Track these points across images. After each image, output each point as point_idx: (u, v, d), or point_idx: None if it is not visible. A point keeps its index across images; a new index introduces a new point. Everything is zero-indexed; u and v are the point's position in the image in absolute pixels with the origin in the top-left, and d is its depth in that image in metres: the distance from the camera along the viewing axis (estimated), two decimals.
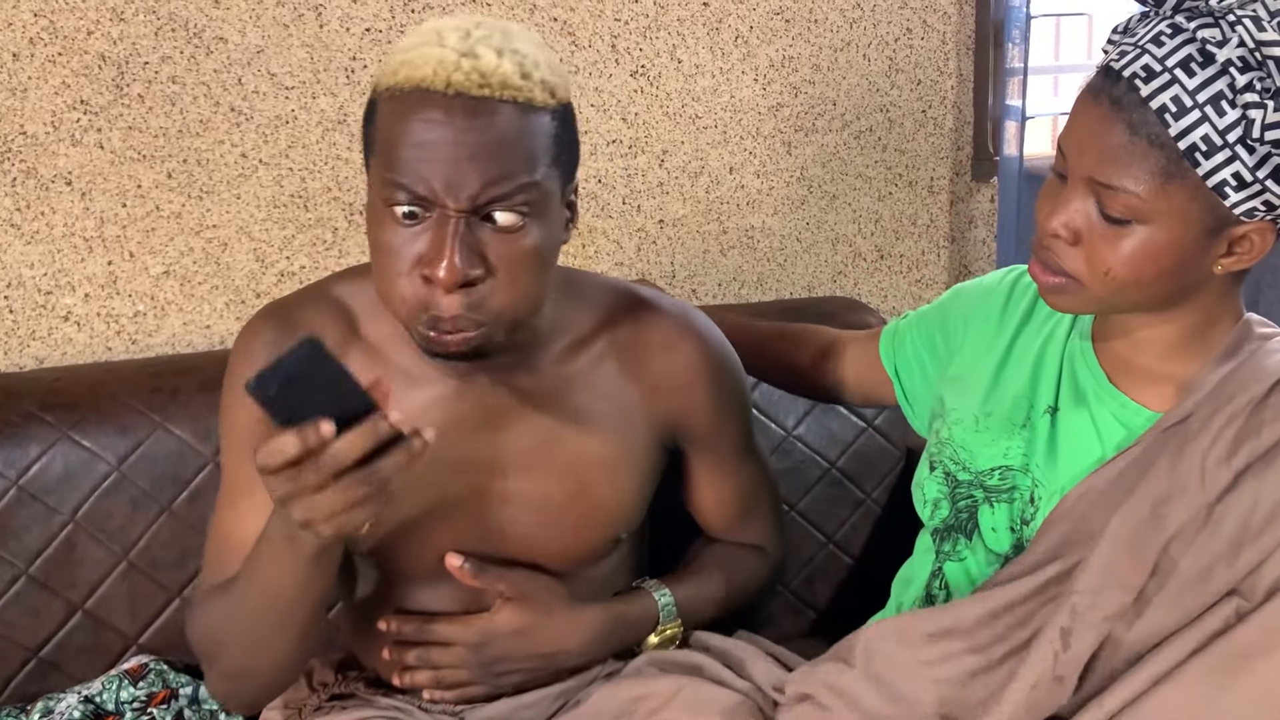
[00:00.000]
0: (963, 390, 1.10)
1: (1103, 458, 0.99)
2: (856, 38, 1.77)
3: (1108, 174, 0.89)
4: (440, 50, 0.89)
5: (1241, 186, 0.88)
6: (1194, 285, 0.94)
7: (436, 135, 0.88)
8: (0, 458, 1.40)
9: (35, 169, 1.51)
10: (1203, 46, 0.87)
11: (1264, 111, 0.85)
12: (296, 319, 1.07)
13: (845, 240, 1.85)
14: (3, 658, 1.39)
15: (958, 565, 1.09)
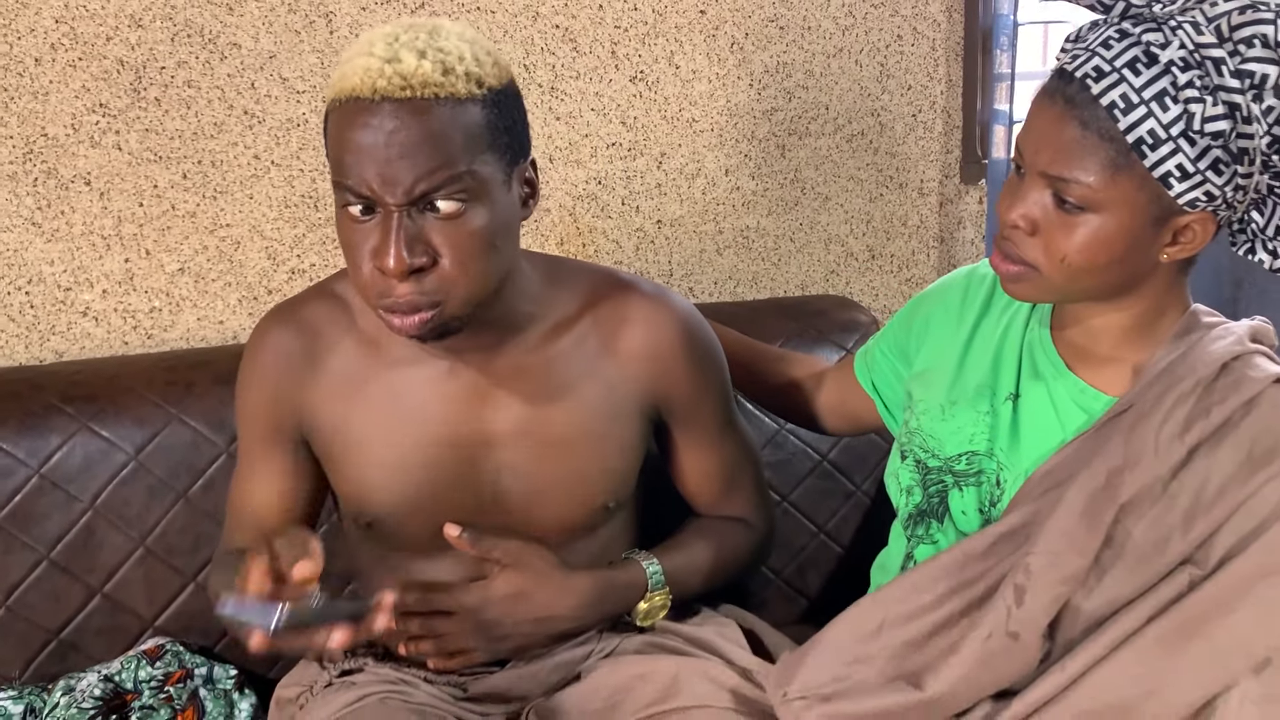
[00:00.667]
0: (928, 382, 1.16)
1: (1063, 440, 1.05)
2: (849, 44, 1.83)
3: (1062, 167, 0.95)
4: (368, 60, 0.96)
5: (1185, 177, 0.93)
6: (1143, 274, 1.00)
7: (369, 139, 0.95)
8: (23, 447, 1.46)
9: (56, 169, 1.57)
10: (1147, 49, 0.93)
11: (1203, 106, 0.91)
12: (301, 316, 1.16)
13: (837, 240, 1.90)
14: (25, 639, 1.45)
15: (930, 548, 1.15)
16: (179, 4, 1.56)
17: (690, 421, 1.22)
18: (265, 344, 1.16)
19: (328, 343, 1.15)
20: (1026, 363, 1.10)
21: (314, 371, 1.15)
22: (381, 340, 1.13)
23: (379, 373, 1.13)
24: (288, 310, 1.17)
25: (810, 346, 1.70)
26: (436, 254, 0.99)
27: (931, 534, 1.15)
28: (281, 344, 1.15)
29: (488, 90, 0.99)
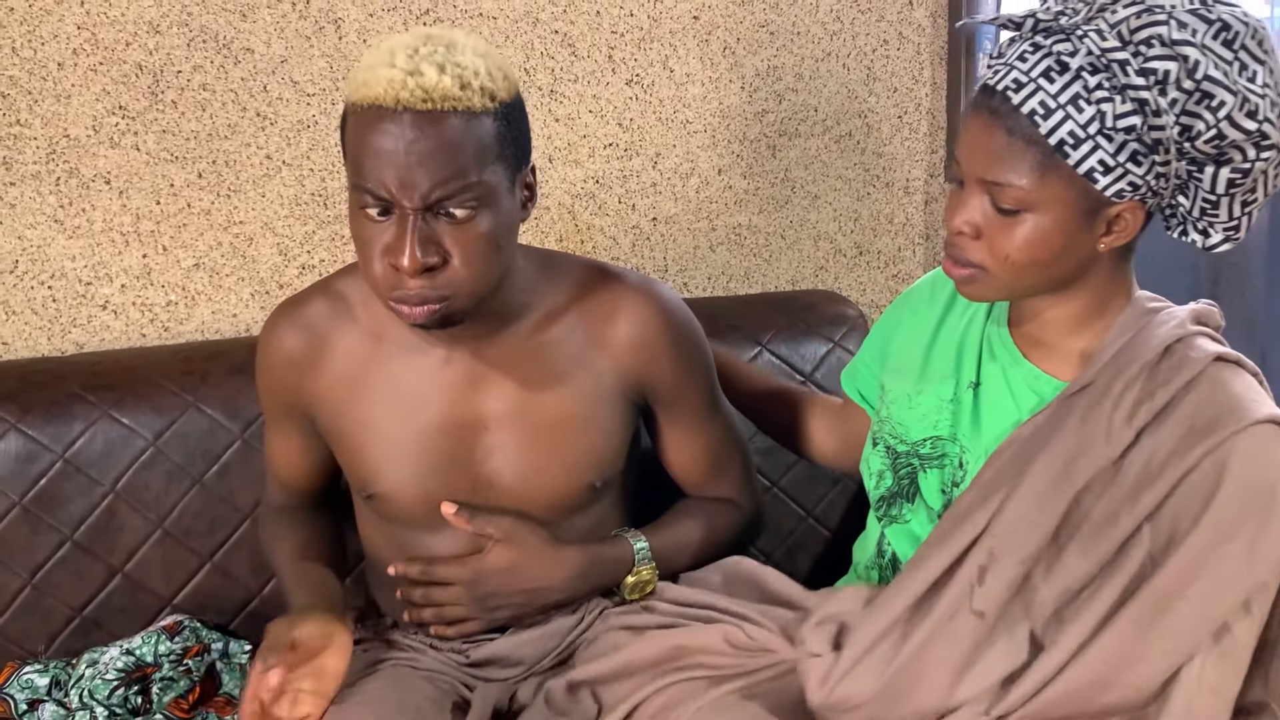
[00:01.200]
0: (897, 375, 1.24)
1: (1019, 421, 1.12)
2: (836, 49, 1.90)
3: (995, 172, 1.03)
4: (390, 71, 1.03)
5: (1107, 171, 1.01)
6: (1084, 265, 1.07)
7: (390, 146, 1.03)
8: (47, 434, 1.53)
9: (77, 169, 1.64)
10: (1059, 58, 1.00)
11: (1113, 105, 0.99)
12: (304, 315, 1.26)
13: (826, 237, 1.97)
14: (50, 616, 1.52)
15: (902, 527, 1.22)
16: (195, 11, 1.63)
17: (676, 406, 1.29)
18: (271, 342, 1.27)
19: (330, 338, 1.23)
20: (986, 354, 1.17)
21: (317, 365, 1.24)
22: (381, 332, 1.22)
23: (380, 363, 1.21)
24: (291, 310, 1.27)
25: (799, 339, 1.77)
26: (447, 254, 1.07)
27: (903, 515, 1.23)
28: (285, 343, 1.25)
29: (499, 104, 1.07)
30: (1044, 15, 1.03)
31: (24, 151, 1.62)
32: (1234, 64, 0.98)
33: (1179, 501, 1.03)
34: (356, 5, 1.68)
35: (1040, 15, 1.04)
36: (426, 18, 1.71)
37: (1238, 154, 1.00)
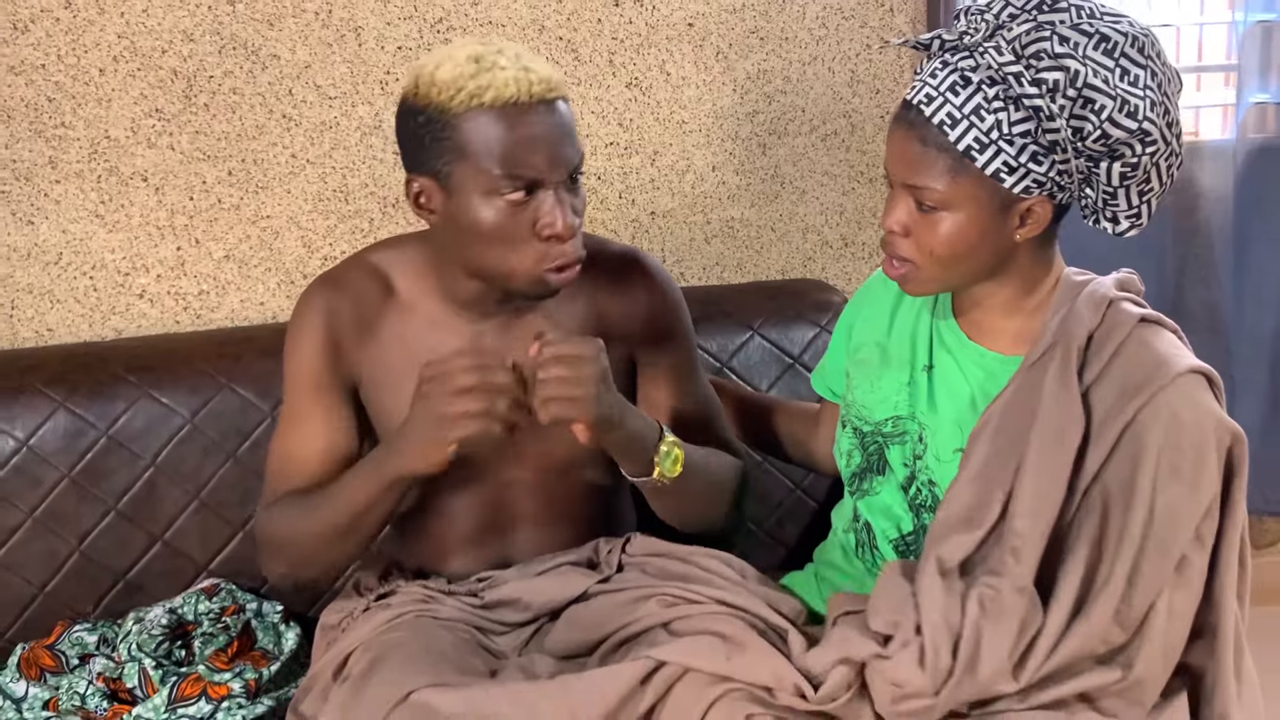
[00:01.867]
0: (859, 364, 1.37)
1: (970, 394, 1.25)
2: (823, 53, 2.03)
3: (915, 177, 1.16)
4: (506, 72, 1.18)
5: (1011, 171, 1.13)
6: (1006, 254, 1.20)
7: (538, 132, 1.18)
8: (93, 412, 1.65)
9: (117, 168, 1.77)
10: (962, 73, 1.13)
11: (1008, 113, 1.12)
12: (342, 283, 1.36)
13: (814, 230, 2.10)
14: (96, 580, 1.65)
15: (873, 499, 1.35)
16: (225, 20, 1.76)
17: (663, 360, 1.41)
18: (315, 306, 1.34)
19: (372, 308, 1.34)
20: (936, 340, 1.30)
21: (360, 331, 1.34)
22: (416, 305, 1.34)
23: (418, 333, 1.33)
24: (332, 278, 1.36)
25: (789, 325, 1.90)
26: (579, 216, 1.24)
27: (873, 488, 1.35)
28: (330, 306, 1.33)
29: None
30: (949, 35, 1.17)
31: (68, 151, 1.75)
32: (1115, 70, 1.10)
33: (1125, 452, 1.15)
34: (375, 15, 1.81)
35: (945, 35, 1.17)
36: (439, 26, 1.84)
37: (1127, 150, 1.12)
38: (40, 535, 1.62)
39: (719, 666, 1.15)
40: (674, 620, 1.24)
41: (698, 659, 1.17)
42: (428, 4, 1.82)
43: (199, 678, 1.48)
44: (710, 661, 1.16)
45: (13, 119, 1.72)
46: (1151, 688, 1.19)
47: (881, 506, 1.34)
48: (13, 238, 1.75)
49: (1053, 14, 1.14)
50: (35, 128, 1.73)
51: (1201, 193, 2.21)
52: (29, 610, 1.63)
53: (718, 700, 1.13)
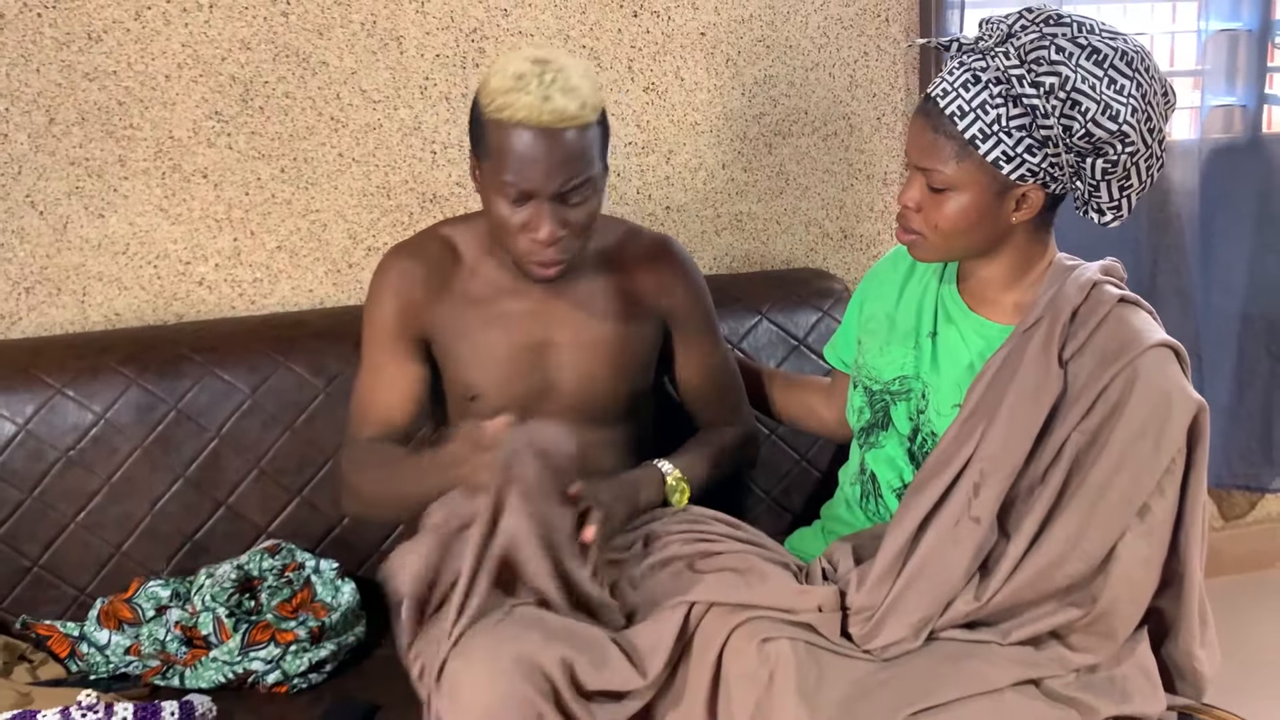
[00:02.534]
0: (870, 332, 1.54)
1: (970, 360, 1.41)
2: (824, 60, 2.20)
3: (927, 160, 1.33)
4: (529, 97, 1.37)
5: (1009, 160, 1.30)
6: (1002, 234, 1.37)
7: (535, 153, 1.38)
8: (162, 388, 1.81)
9: (179, 165, 1.93)
10: (974, 73, 1.30)
11: (1008, 109, 1.29)
12: (415, 250, 1.60)
13: (816, 223, 2.27)
14: (167, 541, 1.81)
15: (879, 451, 1.52)
16: (280, 30, 1.92)
17: (688, 329, 1.64)
18: (390, 271, 1.58)
19: (445, 272, 1.56)
20: (940, 310, 1.47)
21: (433, 291, 1.56)
22: (479, 271, 1.57)
23: (481, 295, 1.56)
24: (410, 247, 1.61)
25: (793, 310, 2.07)
26: (570, 227, 1.44)
27: (879, 441, 1.52)
28: (409, 270, 1.57)
29: (599, 114, 1.43)
30: (965, 40, 1.34)
31: (135, 151, 1.91)
32: (1102, 79, 1.27)
33: (1099, 413, 1.32)
34: (415, 25, 1.97)
35: (962, 39, 1.34)
36: (474, 35, 2.00)
37: (1109, 149, 1.29)
38: (116, 500, 1.78)
39: (741, 596, 1.32)
40: (697, 559, 1.41)
41: (721, 594, 1.34)
42: (463, 15, 1.99)
43: (268, 625, 1.64)
44: (732, 594, 1.33)
45: (86, 121, 1.87)
46: (1119, 624, 1.35)
47: (886, 458, 1.51)
48: (85, 230, 1.91)
49: (1056, 28, 1.31)
50: (106, 129, 1.88)
51: (1172, 188, 2.39)
52: (106, 568, 1.79)
53: (738, 626, 1.30)
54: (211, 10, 1.88)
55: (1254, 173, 2.46)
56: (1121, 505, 1.32)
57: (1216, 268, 2.48)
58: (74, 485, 1.77)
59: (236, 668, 1.61)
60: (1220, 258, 2.48)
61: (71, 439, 1.77)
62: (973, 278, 1.45)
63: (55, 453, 1.76)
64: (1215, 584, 2.62)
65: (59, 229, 1.90)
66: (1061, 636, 1.35)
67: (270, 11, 1.91)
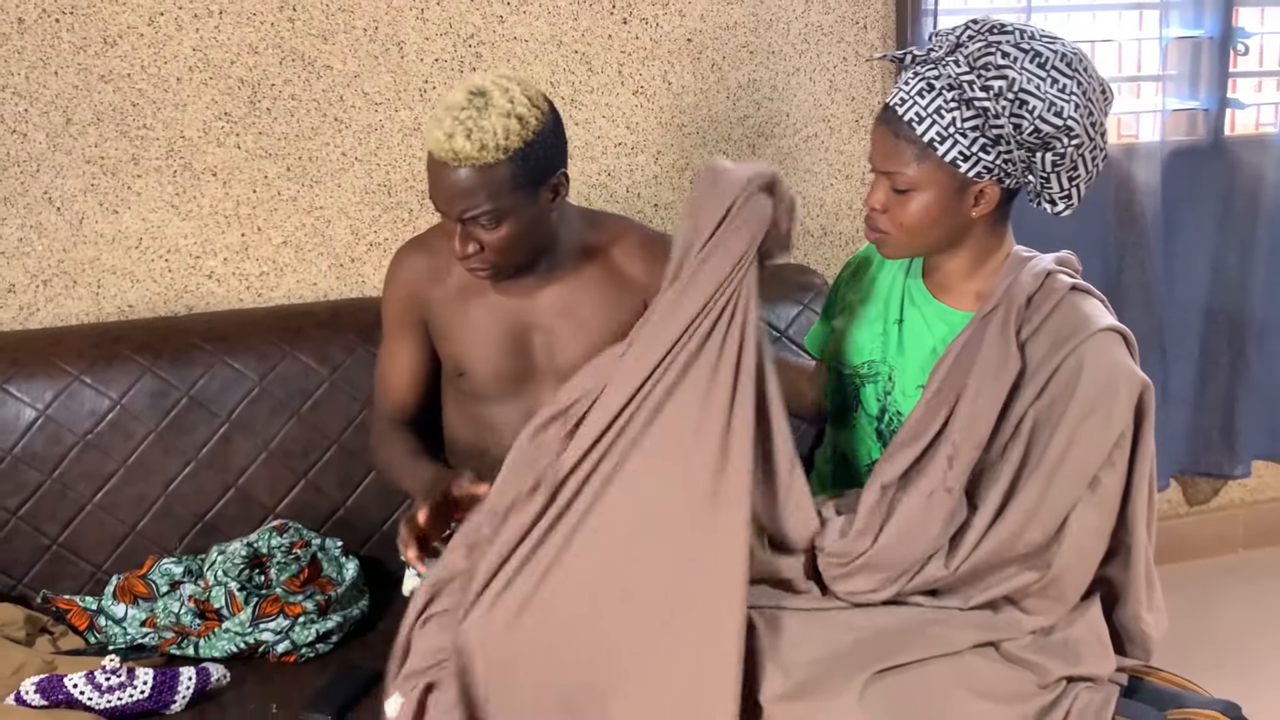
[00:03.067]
0: (843, 318, 1.64)
1: (933, 344, 1.52)
2: (804, 65, 2.30)
3: (890, 164, 1.43)
4: (438, 132, 1.51)
5: (965, 159, 1.40)
6: (963, 228, 1.47)
7: (438, 180, 1.54)
8: (175, 376, 1.91)
9: (190, 164, 2.02)
10: (929, 81, 1.41)
11: (962, 112, 1.39)
12: (422, 243, 1.75)
13: (797, 220, 2.37)
14: (179, 520, 1.90)
15: (850, 432, 1.62)
16: (286, 35, 2.02)
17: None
18: (397, 263, 1.76)
19: (448, 262, 1.67)
20: (906, 299, 1.57)
21: (437, 280, 1.71)
22: None
23: (473, 285, 1.68)
24: (418, 241, 1.76)
25: (776, 303, 2.17)
26: (482, 246, 1.56)
27: (850, 422, 1.63)
28: (414, 262, 1.74)
29: (510, 153, 1.51)
30: (919, 52, 1.45)
31: (148, 150, 2.00)
32: (1046, 79, 1.38)
33: (1052, 391, 1.42)
34: (415, 31, 2.07)
35: (916, 52, 1.45)
36: (471, 41, 2.10)
37: (1056, 142, 1.40)
38: (131, 481, 1.88)
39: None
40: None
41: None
42: (461, 22, 2.09)
43: (277, 598, 1.74)
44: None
45: (102, 121, 1.97)
46: (1070, 589, 1.46)
47: (856, 438, 1.61)
48: (100, 225, 2.00)
49: (1000, 35, 1.42)
50: (121, 129, 1.98)
51: (1137, 188, 2.50)
52: (121, 546, 1.88)
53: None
54: (221, 16, 1.98)
55: (1216, 174, 2.57)
56: (1074, 478, 1.42)
57: (1180, 264, 2.59)
58: (91, 467, 1.86)
59: (248, 638, 1.70)
60: (1183, 254, 2.59)
61: (89, 424, 1.86)
62: (937, 270, 1.55)
63: (73, 437, 1.86)
64: (1181, 568, 2.78)
65: (75, 224, 1.99)
66: (1016, 601, 1.46)
67: (277, 17, 2.00)
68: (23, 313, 2.00)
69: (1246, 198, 2.59)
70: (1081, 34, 2.56)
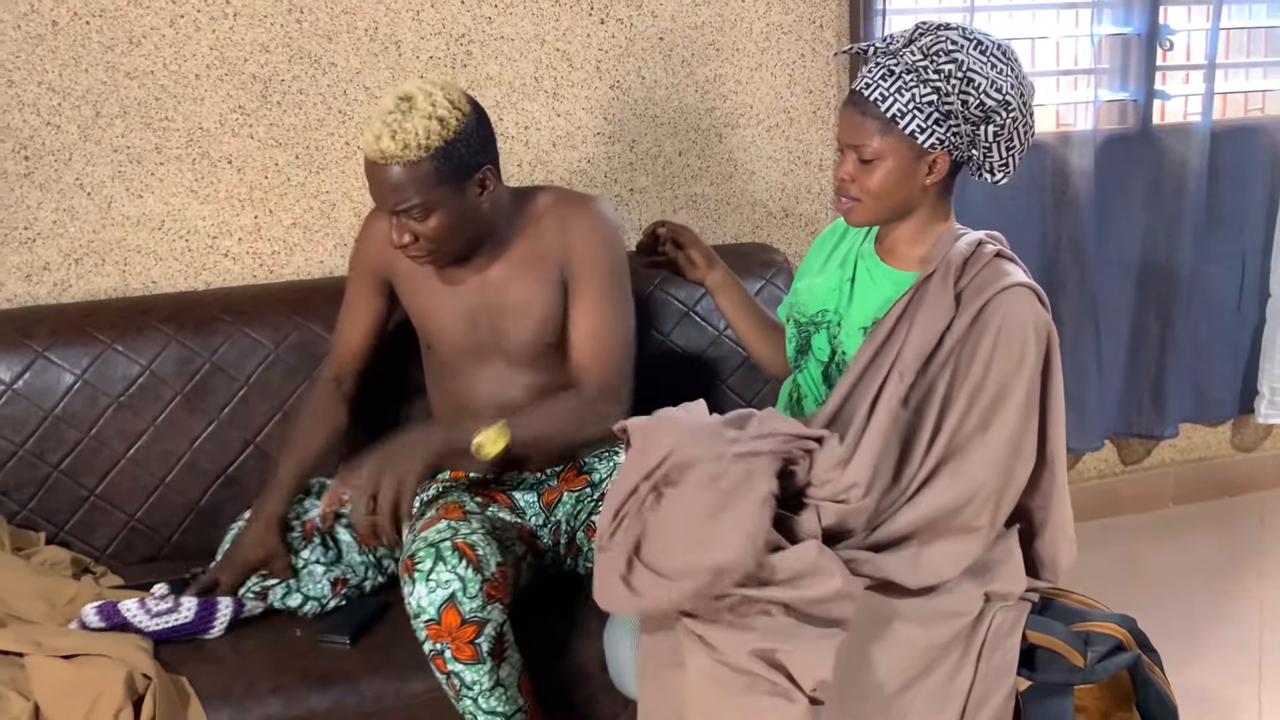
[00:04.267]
0: (805, 277, 1.87)
1: (878, 300, 1.74)
2: (766, 61, 2.52)
3: (857, 139, 1.65)
4: (369, 133, 1.70)
5: (922, 131, 1.63)
6: (916, 197, 1.69)
7: (372, 177, 1.73)
8: (197, 344, 2.11)
9: (208, 153, 2.22)
10: (889, 69, 1.63)
11: (919, 91, 1.61)
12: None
13: (761, 204, 2.59)
14: (203, 474, 2.11)
15: (804, 374, 1.85)
16: (294, 35, 2.22)
17: (580, 283, 1.85)
18: (377, 225, 1.92)
19: None
20: (860, 261, 1.80)
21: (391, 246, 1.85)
22: None
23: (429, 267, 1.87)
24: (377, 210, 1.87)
25: (740, 278, 2.34)
26: (416, 235, 1.75)
27: (804, 364, 1.85)
28: (374, 226, 1.93)
29: (433, 151, 1.69)
30: (880, 44, 1.68)
31: (170, 139, 2.20)
32: (987, 63, 1.61)
33: (974, 332, 1.65)
34: (411, 31, 2.28)
35: (877, 44, 1.68)
36: (462, 40, 2.31)
37: (996, 116, 1.63)
38: (160, 439, 2.08)
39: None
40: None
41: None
42: (453, 23, 2.29)
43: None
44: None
45: (128, 114, 2.17)
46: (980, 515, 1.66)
47: (810, 379, 1.84)
48: (126, 208, 2.21)
49: (947, 31, 1.66)
50: (145, 120, 2.18)
51: (1072, 172, 2.73)
52: (151, 497, 2.09)
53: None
54: (235, 18, 2.18)
55: (1145, 159, 2.81)
56: (990, 404, 1.63)
57: (1112, 242, 2.82)
58: (124, 427, 2.07)
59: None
60: (1116, 233, 2.82)
61: (121, 387, 2.07)
62: (887, 237, 1.78)
63: (108, 399, 2.06)
64: (1115, 522, 3.03)
65: (104, 208, 2.19)
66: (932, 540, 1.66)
67: (286, 19, 2.20)
68: (56, 289, 2.20)
69: (1173, 181, 2.83)
70: (1021, 30, 2.78)
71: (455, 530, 1.69)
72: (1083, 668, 1.63)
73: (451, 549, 1.64)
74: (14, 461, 2.03)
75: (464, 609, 1.61)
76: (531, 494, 1.95)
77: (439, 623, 1.61)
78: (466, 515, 1.76)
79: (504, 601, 1.68)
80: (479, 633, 1.62)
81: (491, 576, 1.66)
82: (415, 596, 1.62)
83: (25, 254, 2.17)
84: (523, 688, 1.70)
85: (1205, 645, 2.50)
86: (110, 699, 1.56)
